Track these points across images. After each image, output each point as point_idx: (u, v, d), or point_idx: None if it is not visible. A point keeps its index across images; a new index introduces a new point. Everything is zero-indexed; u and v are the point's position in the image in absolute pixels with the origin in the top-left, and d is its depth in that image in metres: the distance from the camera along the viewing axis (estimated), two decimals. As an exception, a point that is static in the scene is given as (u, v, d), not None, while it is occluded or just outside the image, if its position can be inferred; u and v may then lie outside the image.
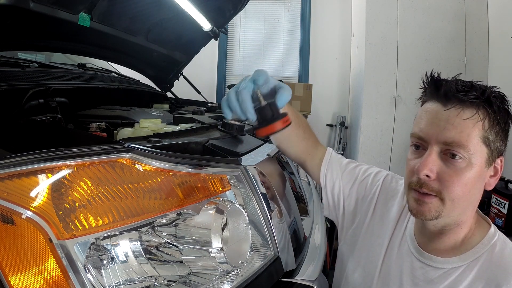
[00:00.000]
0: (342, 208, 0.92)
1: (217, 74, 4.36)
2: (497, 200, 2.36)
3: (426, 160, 0.67)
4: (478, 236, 0.72)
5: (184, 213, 0.66)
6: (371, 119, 3.44)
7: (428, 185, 0.68)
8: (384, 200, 0.88)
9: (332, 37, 4.27)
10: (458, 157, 0.66)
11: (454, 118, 0.66)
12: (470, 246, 0.72)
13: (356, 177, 0.92)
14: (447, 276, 0.71)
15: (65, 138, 0.76)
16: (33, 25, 1.18)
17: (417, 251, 0.76)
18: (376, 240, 0.84)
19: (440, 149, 0.67)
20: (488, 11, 3.32)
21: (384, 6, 3.39)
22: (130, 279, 0.60)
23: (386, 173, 0.92)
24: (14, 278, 0.50)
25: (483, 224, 0.75)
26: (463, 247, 0.72)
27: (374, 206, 0.88)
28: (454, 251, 0.73)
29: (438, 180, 0.67)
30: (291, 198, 1.09)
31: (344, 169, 0.93)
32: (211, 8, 1.71)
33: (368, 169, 0.94)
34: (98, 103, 1.39)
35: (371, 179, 0.91)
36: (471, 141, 0.65)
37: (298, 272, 0.87)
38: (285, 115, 0.72)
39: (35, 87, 1.07)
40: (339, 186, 0.92)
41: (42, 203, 0.52)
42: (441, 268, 0.72)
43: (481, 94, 0.66)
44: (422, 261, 0.75)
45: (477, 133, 0.66)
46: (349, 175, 0.92)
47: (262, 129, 0.72)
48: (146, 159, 0.62)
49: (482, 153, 0.67)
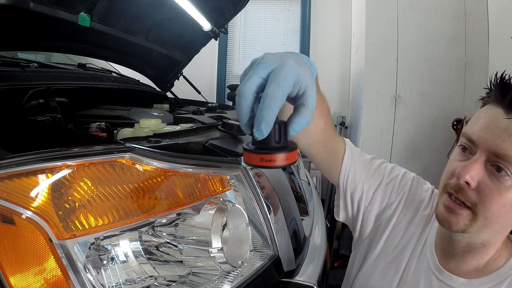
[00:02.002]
0: (362, 215, 0.82)
1: (217, 74, 4.36)
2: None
3: (470, 166, 0.61)
4: (504, 258, 0.67)
5: (184, 213, 0.66)
6: (371, 119, 3.44)
7: (466, 193, 0.62)
8: (409, 208, 0.79)
9: (332, 37, 4.27)
10: (504, 172, 0.59)
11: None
12: (494, 268, 0.66)
13: (382, 179, 0.81)
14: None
15: (65, 138, 0.76)
16: (33, 25, 1.18)
17: (437, 269, 0.71)
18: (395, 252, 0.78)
19: (488, 158, 0.61)
20: (488, 11, 3.32)
21: (384, 6, 3.39)
22: (130, 279, 0.60)
23: (412, 176, 0.83)
24: (14, 278, 0.50)
25: (508, 246, 0.69)
26: (486, 269, 0.67)
27: (399, 212, 0.80)
28: (478, 272, 0.67)
29: (477, 191, 0.61)
30: (291, 198, 1.09)
31: (369, 168, 0.82)
32: (211, 8, 1.71)
33: (394, 168, 0.83)
34: (98, 103, 1.39)
35: (398, 182, 0.81)
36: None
37: (298, 272, 0.87)
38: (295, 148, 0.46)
39: (35, 87, 1.07)
40: (361, 191, 0.81)
41: (42, 203, 0.52)
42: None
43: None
44: (441, 280, 0.69)
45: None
46: (373, 176, 0.81)
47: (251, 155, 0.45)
48: (146, 159, 0.62)
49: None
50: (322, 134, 0.78)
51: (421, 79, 3.23)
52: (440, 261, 0.71)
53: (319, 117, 0.75)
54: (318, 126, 0.76)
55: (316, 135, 0.77)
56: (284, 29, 4.38)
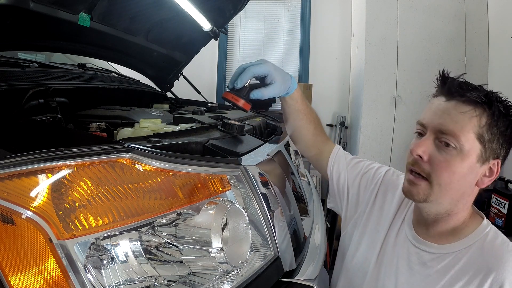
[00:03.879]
0: (346, 197, 0.99)
1: (217, 74, 4.36)
2: (497, 200, 2.36)
3: (421, 142, 0.74)
4: (471, 227, 0.77)
5: (184, 213, 0.66)
6: (371, 119, 3.44)
7: (420, 165, 0.74)
8: (385, 191, 0.94)
9: (332, 37, 4.27)
10: (451, 146, 0.71)
11: (451, 110, 0.72)
12: (464, 235, 0.77)
13: (360, 170, 1.00)
14: (440, 261, 0.76)
15: (65, 138, 0.76)
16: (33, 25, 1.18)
17: (414, 238, 0.82)
18: (376, 228, 0.90)
19: (436, 136, 0.73)
20: (488, 11, 3.32)
21: (384, 6, 3.39)
22: (130, 279, 0.60)
23: (388, 168, 0.99)
24: (14, 278, 0.50)
25: (477, 218, 0.80)
26: (456, 236, 0.77)
27: (375, 196, 0.94)
28: (448, 238, 0.78)
29: (429, 163, 0.73)
30: (291, 198, 1.09)
31: (350, 163, 1.02)
32: (211, 8, 1.71)
33: (372, 163, 1.02)
34: (98, 103, 1.39)
35: (373, 171, 0.98)
36: (463, 133, 0.71)
37: (298, 272, 0.87)
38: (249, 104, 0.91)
39: (35, 87, 1.07)
40: (344, 177, 1.00)
41: (42, 203, 0.52)
42: (435, 253, 0.77)
43: (484, 95, 0.72)
44: (417, 247, 0.80)
45: (471, 127, 0.71)
46: (353, 168, 1.01)
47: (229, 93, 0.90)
48: (146, 159, 0.62)
49: (475, 148, 0.71)
50: (314, 138, 1.04)
51: (421, 79, 3.23)
52: (417, 232, 0.82)
53: (308, 122, 1.02)
54: (309, 130, 1.03)
55: (308, 137, 1.04)
56: (284, 29, 4.38)
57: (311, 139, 1.04)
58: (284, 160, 1.23)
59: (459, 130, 0.71)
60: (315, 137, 1.04)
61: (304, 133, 1.03)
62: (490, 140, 0.72)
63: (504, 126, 0.72)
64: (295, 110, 1.00)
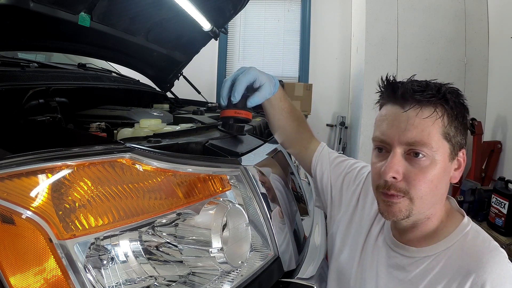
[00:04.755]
0: (330, 196, 0.97)
1: (217, 74, 4.36)
2: (497, 200, 2.36)
3: (391, 162, 0.68)
4: (450, 227, 0.74)
5: (184, 213, 0.66)
6: (371, 119, 3.42)
7: (396, 186, 0.69)
8: (366, 193, 0.90)
9: (332, 37, 4.27)
10: (421, 155, 0.68)
11: (414, 119, 0.68)
12: (443, 236, 0.73)
13: (343, 169, 0.97)
14: (419, 265, 0.73)
15: (65, 138, 0.76)
16: (33, 25, 1.18)
17: (392, 242, 0.79)
18: (358, 230, 0.87)
19: (403, 150, 0.69)
20: (488, 11, 3.32)
21: (384, 6, 3.39)
22: (130, 279, 0.60)
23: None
24: (14, 278, 0.50)
25: (456, 216, 0.76)
26: (435, 238, 0.74)
27: (357, 197, 0.91)
28: (427, 241, 0.74)
29: (404, 180, 0.69)
30: (291, 198, 1.09)
31: (333, 162, 0.99)
32: (211, 8, 1.71)
33: (355, 163, 0.98)
34: (98, 103, 1.39)
35: (356, 172, 0.95)
36: (432, 139, 0.67)
37: (298, 272, 0.87)
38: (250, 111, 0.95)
39: (35, 87, 1.07)
40: (327, 177, 0.97)
41: (42, 203, 0.52)
42: (414, 257, 0.74)
43: (437, 92, 0.69)
44: (396, 251, 0.77)
45: (437, 130, 0.68)
46: (337, 167, 0.98)
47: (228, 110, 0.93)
48: (146, 159, 0.62)
49: (445, 148, 0.69)
50: (298, 136, 1.03)
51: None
52: (395, 236, 0.79)
53: (292, 120, 1.01)
54: (293, 127, 1.02)
55: (293, 135, 1.03)
56: (284, 29, 4.38)
57: (296, 137, 1.03)
58: (284, 160, 1.23)
59: (427, 137, 0.67)
60: (299, 134, 1.03)
61: (289, 131, 1.02)
62: (455, 135, 0.70)
63: (461, 115, 0.70)
64: (280, 109, 0.99)
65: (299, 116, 1.03)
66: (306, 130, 1.04)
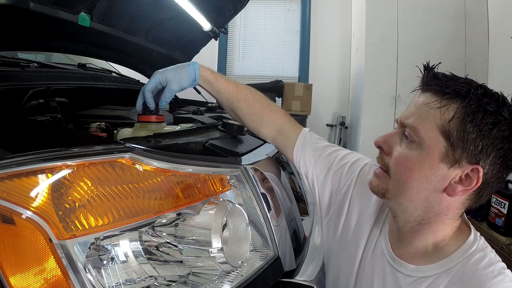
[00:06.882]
0: (318, 196, 0.88)
1: (217, 74, 4.35)
2: (497, 200, 2.36)
3: (385, 134, 0.70)
4: (454, 246, 0.67)
5: (184, 213, 0.66)
6: (371, 119, 3.44)
7: (382, 158, 0.70)
8: (360, 194, 0.81)
9: (332, 37, 4.27)
10: (409, 139, 0.65)
11: (420, 103, 0.66)
12: (444, 255, 0.67)
13: (330, 166, 0.86)
14: (417, 285, 0.67)
15: (65, 138, 0.76)
16: (33, 25, 1.18)
17: (390, 256, 0.73)
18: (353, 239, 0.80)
19: (402, 130, 0.68)
20: (488, 11, 3.32)
21: (384, 6, 3.40)
22: (130, 279, 0.60)
23: (364, 163, 0.85)
24: (14, 278, 0.50)
25: (463, 233, 0.69)
26: (435, 256, 0.67)
27: (349, 200, 0.82)
28: (426, 258, 0.68)
29: (390, 156, 0.69)
30: (291, 198, 1.09)
31: (319, 154, 0.88)
32: (211, 8, 1.71)
33: (346, 156, 0.87)
34: (98, 103, 1.39)
35: (346, 169, 0.85)
36: (423, 126, 0.64)
37: (298, 272, 0.87)
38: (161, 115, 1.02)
39: (35, 87, 1.06)
40: (312, 174, 0.88)
41: (42, 203, 0.52)
42: (411, 276, 0.68)
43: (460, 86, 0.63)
44: (393, 267, 0.71)
45: (433, 120, 0.63)
46: (323, 162, 0.87)
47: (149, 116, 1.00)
48: (146, 159, 0.62)
49: (438, 144, 0.62)
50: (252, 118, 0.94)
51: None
52: (393, 247, 0.74)
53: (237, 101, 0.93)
54: (243, 110, 0.94)
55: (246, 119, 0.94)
56: (284, 29, 4.38)
57: (250, 119, 0.94)
58: (284, 160, 1.23)
59: (418, 123, 0.64)
60: (253, 116, 0.93)
61: (240, 115, 0.94)
62: (462, 139, 0.60)
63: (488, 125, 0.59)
64: (216, 91, 0.93)
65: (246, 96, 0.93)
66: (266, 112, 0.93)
